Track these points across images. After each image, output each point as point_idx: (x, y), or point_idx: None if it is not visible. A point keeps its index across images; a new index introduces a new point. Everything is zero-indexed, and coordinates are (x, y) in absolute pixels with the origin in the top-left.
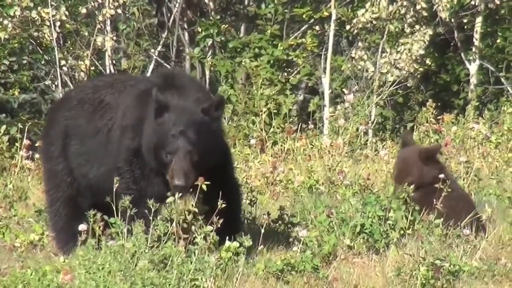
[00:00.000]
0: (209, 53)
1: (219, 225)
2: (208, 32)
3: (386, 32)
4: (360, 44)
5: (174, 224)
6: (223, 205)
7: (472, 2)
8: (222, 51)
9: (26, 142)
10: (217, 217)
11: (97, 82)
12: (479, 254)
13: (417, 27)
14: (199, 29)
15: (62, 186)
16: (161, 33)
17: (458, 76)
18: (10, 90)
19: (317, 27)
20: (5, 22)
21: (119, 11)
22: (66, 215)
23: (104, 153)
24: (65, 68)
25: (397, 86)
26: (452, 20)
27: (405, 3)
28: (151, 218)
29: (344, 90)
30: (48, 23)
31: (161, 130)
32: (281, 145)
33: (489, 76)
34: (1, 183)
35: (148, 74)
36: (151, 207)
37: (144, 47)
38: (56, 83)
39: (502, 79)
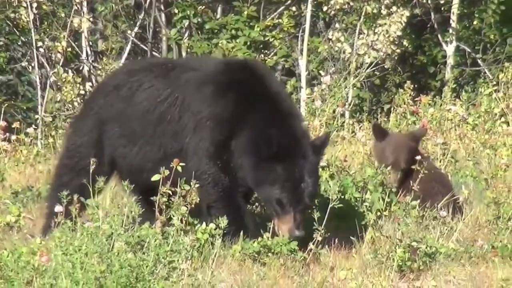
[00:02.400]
0: (186, 35)
1: (193, 206)
2: (184, 14)
3: (363, 14)
4: (337, 25)
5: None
6: None
7: None
8: (199, 32)
9: (2, 123)
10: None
11: (131, 67)
12: (455, 236)
13: (394, 8)
14: (176, 10)
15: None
16: (138, 14)
17: (435, 58)
18: None
19: (293, 8)
20: None
21: None
22: None
23: (152, 133)
24: (41, 50)
25: (374, 68)
26: (429, 1)
27: None
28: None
29: (321, 71)
30: (24, 4)
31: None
32: None
33: (466, 58)
34: None
35: (125, 55)
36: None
37: (121, 28)
38: (32, 65)
39: (479, 61)
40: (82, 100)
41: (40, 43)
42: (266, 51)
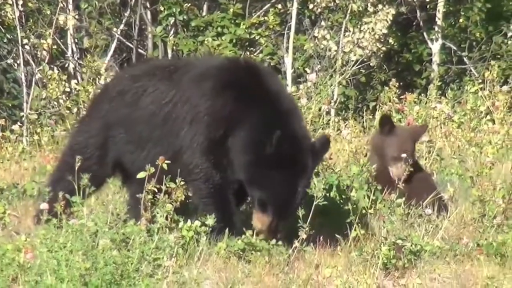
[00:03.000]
0: (172, 32)
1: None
2: (170, 11)
3: (349, 11)
4: (323, 23)
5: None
6: None
7: None
8: (185, 30)
9: None
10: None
11: (133, 72)
12: (441, 234)
13: (380, 6)
14: (162, 8)
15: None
16: (124, 11)
17: (421, 56)
18: None
19: (279, 6)
20: None
21: None
22: None
23: (159, 135)
24: (27, 47)
25: (360, 66)
26: None
27: None
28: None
29: (306, 69)
30: (10, 2)
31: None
32: None
33: (451, 56)
34: None
35: (110, 53)
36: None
37: (106, 25)
38: (18, 62)
39: (465, 59)
40: (67, 97)
41: (25, 41)
42: (252, 48)
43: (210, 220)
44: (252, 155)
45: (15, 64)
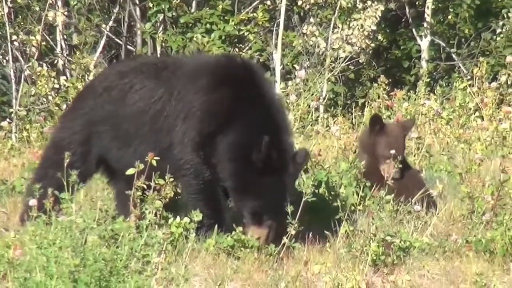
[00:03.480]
0: (161, 29)
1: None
2: (159, 7)
3: (338, 8)
4: (311, 19)
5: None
6: None
7: None
8: (174, 26)
9: None
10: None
11: (120, 68)
12: (430, 230)
13: (369, 2)
14: (151, 4)
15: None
16: (113, 8)
17: (410, 52)
18: None
19: (268, 2)
20: None
21: None
22: None
23: (147, 132)
24: (16, 43)
25: (349, 62)
26: None
27: None
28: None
29: (295, 66)
30: None
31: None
32: None
33: (440, 52)
34: None
35: (99, 49)
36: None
37: (95, 22)
38: (7, 58)
39: (454, 55)
40: (56, 94)
41: (14, 37)
42: (240, 45)
43: (197, 216)
44: (240, 161)
45: (4, 61)
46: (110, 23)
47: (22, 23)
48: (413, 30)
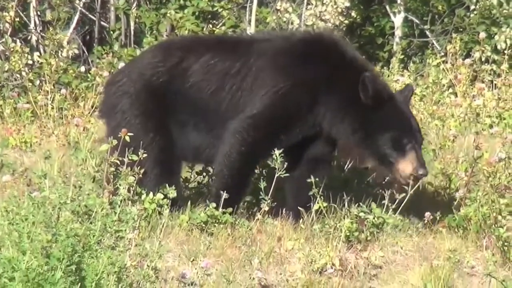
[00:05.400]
0: (134, 5)
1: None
2: None
3: None
4: None
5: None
6: None
7: None
8: (147, 2)
9: None
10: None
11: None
12: (403, 207)
13: None
14: None
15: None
16: None
17: (383, 29)
18: None
19: None
20: None
21: None
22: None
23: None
24: None
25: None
26: None
27: None
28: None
29: None
30: None
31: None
32: None
33: (414, 29)
34: None
35: (73, 25)
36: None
37: None
38: None
39: (427, 32)
40: (30, 70)
41: None
42: (214, 21)
43: (172, 193)
44: (357, 110)
45: None
46: None
47: None
48: (387, 6)
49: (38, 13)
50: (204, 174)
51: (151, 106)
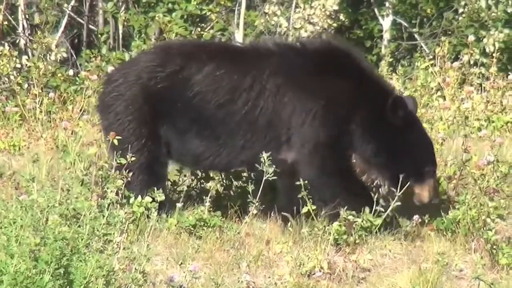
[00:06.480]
0: (123, 8)
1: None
2: None
3: None
4: None
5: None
6: None
7: None
8: (136, 5)
9: None
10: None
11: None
12: (392, 209)
13: None
14: None
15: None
16: None
17: (372, 32)
18: None
19: None
20: None
21: None
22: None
23: (237, 123)
24: None
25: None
26: None
27: None
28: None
29: None
30: None
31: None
32: None
33: (402, 32)
34: None
35: (61, 29)
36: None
37: (57, 1)
38: None
39: (416, 35)
40: (18, 74)
41: None
42: (202, 24)
43: (160, 196)
44: (385, 129)
45: None
46: (72, 2)
47: None
48: (375, 9)
49: (27, 16)
50: (193, 177)
51: (146, 111)
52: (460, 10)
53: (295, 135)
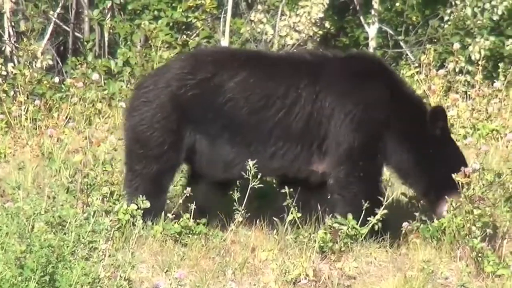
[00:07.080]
0: (108, 15)
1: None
2: None
3: None
4: (259, 7)
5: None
6: None
7: None
8: (121, 13)
9: None
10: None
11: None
12: (377, 217)
13: None
14: None
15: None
16: None
17: (357, 39)
18: None
19: None
20: None
21: None
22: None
23: (268, 130)
24: None
25: (296, 49)
26: None
27: None
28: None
29: None
30: None
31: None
32: None
33: (388, 40)
34: None
35: (47, 36)
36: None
37: (43, 9)
38: None
39: (401, 43)
40: (4, 81)
41: None
42: (188, 32)
43: (144, 203)
44: (421, 140)
45: None
46: (58, 9)
47: None
48: (361, 17)
49: (12, 23)
50: (179, 185)
51: (174, 119)
52: (446, 18)
53: (330, 138)
